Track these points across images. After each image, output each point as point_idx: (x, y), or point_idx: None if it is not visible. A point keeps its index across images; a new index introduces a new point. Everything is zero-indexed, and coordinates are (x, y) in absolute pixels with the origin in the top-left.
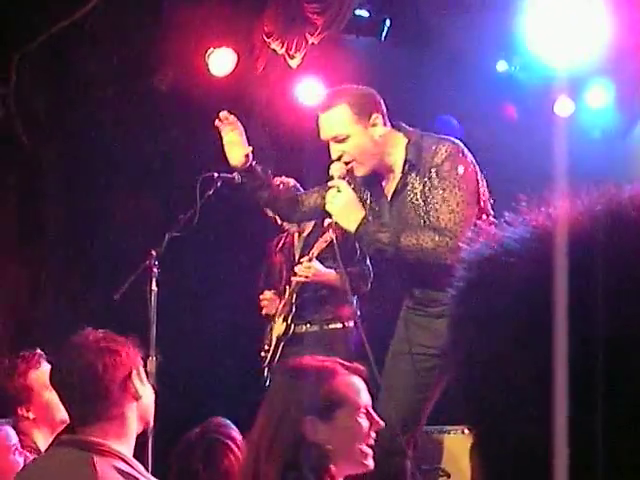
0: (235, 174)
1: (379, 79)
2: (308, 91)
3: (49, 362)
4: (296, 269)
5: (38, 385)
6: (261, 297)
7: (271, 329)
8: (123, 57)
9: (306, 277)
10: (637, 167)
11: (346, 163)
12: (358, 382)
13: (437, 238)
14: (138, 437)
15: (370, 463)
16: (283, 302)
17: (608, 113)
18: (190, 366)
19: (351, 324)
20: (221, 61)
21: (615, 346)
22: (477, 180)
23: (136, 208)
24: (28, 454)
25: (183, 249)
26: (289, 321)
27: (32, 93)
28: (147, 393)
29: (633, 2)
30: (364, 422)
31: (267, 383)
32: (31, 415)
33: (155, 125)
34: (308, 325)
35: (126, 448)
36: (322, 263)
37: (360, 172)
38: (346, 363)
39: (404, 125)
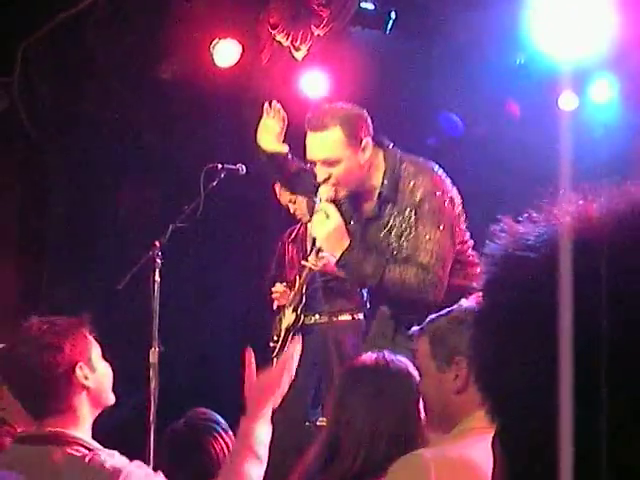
0: (239, 165)
1: (384, 72)
2: (313, 83)
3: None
4: (309, 259)
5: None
6: (273, 290)
7: (280, 320)
8: (128, 47)
9: (317, 265)
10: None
11: (333, 185)
12: None
13: (420, 273)
14: (140, 426)
15: None
16: (293, 293)
17: (612, 108)
18: (193, 357)
19: (360, 316)
20: (226, 52)
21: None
22: (455, 212)
23: (140, 199)
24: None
25: (187, 240)
26: (299, 312)
27: (36, 83)
28: (99, 377)
29: None
30: None
31: None
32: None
33: (160, 116)
34: (317, 316)
35: (83, 433)
36: None
37: (342, 194)
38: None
39: (386, 143)
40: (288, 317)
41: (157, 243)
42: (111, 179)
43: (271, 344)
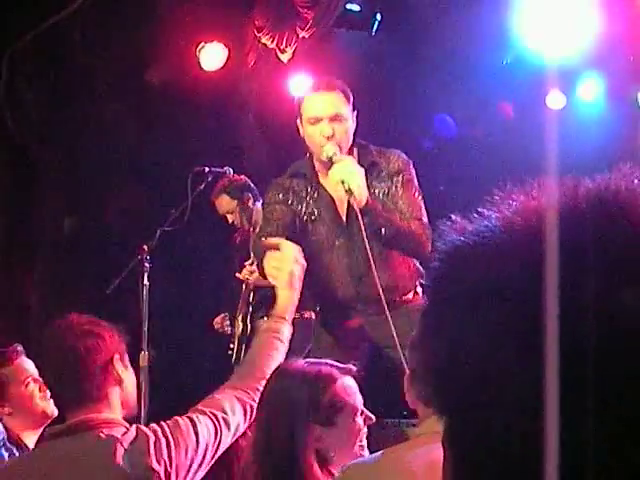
0: (226, 168)
1: (370, 73)
2: (299, 85)
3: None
4: (243, 271)
5: (13, 380)
6: (213, 322)
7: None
8: (114, 52)
9: (250, 280)
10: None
11: (335, 143)
12: (353, 384)
13: (421, 226)
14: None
15: (365, 454)
16: (240, 301)
17: (599, 106)
18: (182, 360)
19: (309, 314)
20: (212, 56)
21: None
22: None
23: (128, 203)
24: (14, 449)
25: (175, 243)
26: (247, 319)
27: (22, 88)
28: (130, 379)
29: None
30: (360, 422)
31: None
32: (7, 410)
33: (146, 120)
34: (265, 319)
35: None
36: None
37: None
38: (339, 365)
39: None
40: (238, 326)
41: (145, 247)
42: (97, 183)
43: (229, 352)
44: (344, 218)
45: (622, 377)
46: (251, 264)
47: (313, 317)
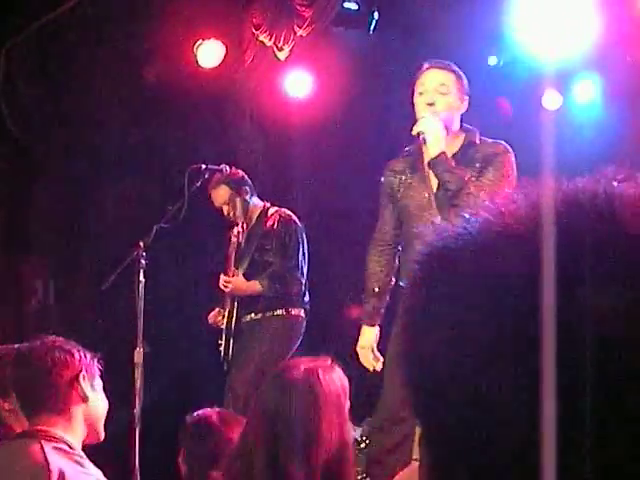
0: (223, 166)
1: (367, 72)
2: (296, 83)
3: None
4: (221, 278)
5: None
6: (208, 317)
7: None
8: (111, 48)
9: (227, 290)
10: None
11: (434, 111)
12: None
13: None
14: (126, 424)
15: None
16: (227, 298)
17: (595, 107)
18: (177, 357)
19: (298, 311)
20: (210, 53)
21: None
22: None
23: (124, 199)
24: None
25: (171, 240)
26: (234, 314)
27: (19, 85)
28: (98, 402)
29: None
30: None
31: (226, 377)
32: (7, 406)
33: (144, 117)
34: (252, 314)
35: (72, 439)
36: (262, 253)
37: None
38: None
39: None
40: (225, 320)
41: (141, 243)
42: (95, 179)
43: (219, 347)
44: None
45: (622, 389)
46: (232, 275)
47: (302, 314)
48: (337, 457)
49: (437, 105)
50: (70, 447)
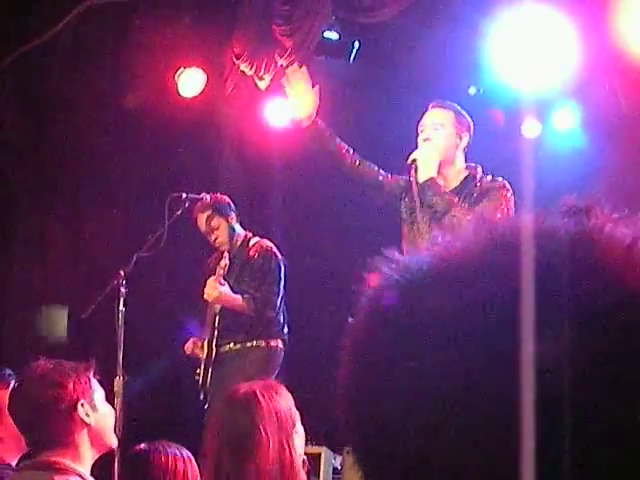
0: (203, 194)
1: (348, 101)
2: (276, 112)
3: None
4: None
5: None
6: (185, 348)
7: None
8: (93, 76)
9: (210, 298)
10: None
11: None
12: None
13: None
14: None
15: None
16: (207, 324)
17: (574, 135)
18: (158, 385)
19: (276, 342)
20: (190, 81)
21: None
22: (512, 212)
23: (104, 227)
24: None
25: (151, 269)
26: (213, 343)
27: (1, 112)
28: (100, 417)
29: (599, 25)
30: None
31: (205, 405)
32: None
33: (124, 144)
34: (232, 344)
35: (82, 469)
36: (241, 283)
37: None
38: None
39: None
40: (204, 350)
41: (121, 272)
42: (76, 208)
43: (196, 377)
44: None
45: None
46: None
47: (280, 345)
48: (277, 473)
49: (433, 140)
50: (82, 478)
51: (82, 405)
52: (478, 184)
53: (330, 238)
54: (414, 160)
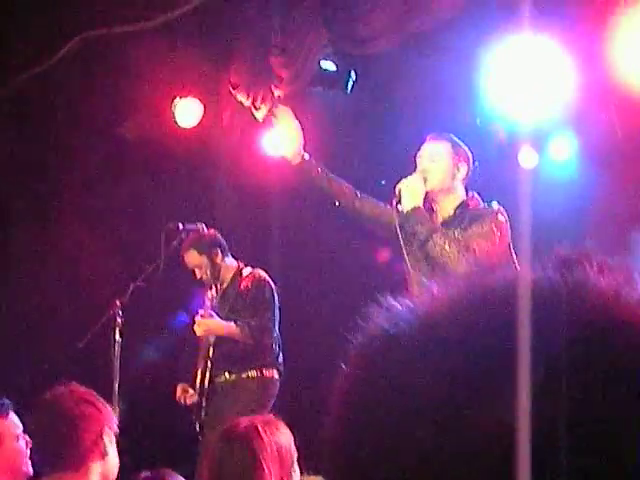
0: (199, 224)
1: (345, 131)
2: (273, 142)
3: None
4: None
5: (5, 434)
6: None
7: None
8: (90, 105)
9: (200, 332)
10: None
11: (424, 177)
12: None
13: (462, 251)
14: None
15: None
16: (201, 355)
17: (571, 165)
18: (152, 415)
19: (272, 372)
20: (187, 111)
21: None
22: (507, 237)
23: (101, 257)
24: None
25: (147, 299)
26: (207, 374)
27: None
28: (114, 454)
29: (595, 55)
30: None
31: (199, 437)
32: None
33: (121, 174)
34: (227, 375)
35: None
36: (236, 314)
37: (429, 187)
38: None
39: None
40: (198, 379)
41: (118, 302)
42: (72, 238)
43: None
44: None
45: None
46: (207, 316)
47: (275, 375)
48: None
49: (428, 172)
50: None
51: (107, 434)
52: (471, 211)
53: (328, 265)
54: (399, 190)
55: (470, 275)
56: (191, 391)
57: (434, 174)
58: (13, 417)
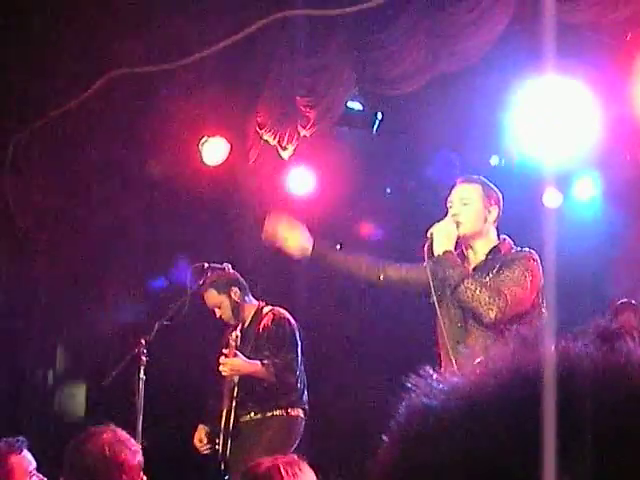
0: (225, 264)
1: (370, 170)
2: (299, 181)
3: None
4: (221, 360)
5: (19, 469)
6: (195, 442)
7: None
8: (118, 143)
9: (226, 371)
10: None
11: (456, 221)
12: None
13: (493, 297)
14: None
15: None
16: (225, 396)
17: (595, 204)
18: (177, 454)
19: (297, 412)
20: (214, 150)
21: None
22: (539, 281)
23: (127, 295)
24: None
25: (173, 337)
26: (232, 414)
27: (27, 177)
28: None
29: (620, 95)
30: None
31: (225, 477)
32: None
33: (148, 213)
34: (252, 414)
35: None
36: (257, 354)
37: (461, 230)
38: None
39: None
40: (223, 419)
41: (143, 340)
42: (99, 275)
43: (216, 447)
44: None
45: None
46: (232, 355)
47: (301, 415)
48: None
49: (460, 216)
50: None
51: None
52: (503, 255)
53: (351, 302)
54: (431, 234)
55: (513, 352)
56: (205, 440)
57: (466, 218)
58: (27, 454)
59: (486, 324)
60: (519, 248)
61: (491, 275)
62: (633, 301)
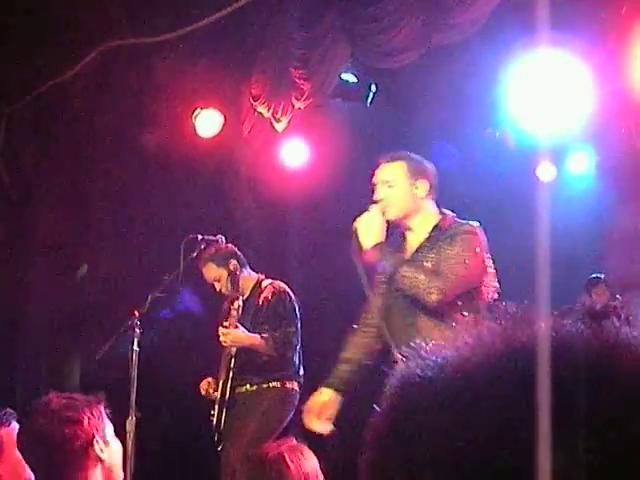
0: (218, 236)
1: (363, 143)
2: (293, 153)
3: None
4: (220, 331)
5: (8, 443)
6: (201, 386)
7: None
8: (111, 116)
9: (227, 342)
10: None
11: (383, 205)
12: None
13: (431, 278)
14: None
15: None
16: (222, 365)
17: (589, 179)
18: (171, 425)
19: (292, 384)
20: (208, 122)
21: None
22: (484, 255)
23: (119, 267)
24: None
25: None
26: (228, 384)
27: (20, 149)
28: (112, 452)
29: (614, 69)
30: None
31: (219, 447)
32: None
33: (141, 185)
34: (248, 386)
35: None
36: (257, 327)
37: (390, 216)
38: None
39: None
40: (220, 390)
41: (136, 312)
42: (91, 248)
43: (210, 417)
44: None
45: None
46: (231, 326)
47: (296, 388)
48: None
49: (385, 199)
50: None
51: (97, 441)
52: (446, 233)
53: (347, 276)
54: (355, 229)
55: (504, 327)
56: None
57: (392, 200)
58: (16, 426)
59: (430, 309)
60: (462, 222)
61: (433, 254)
62: (603, 275)
